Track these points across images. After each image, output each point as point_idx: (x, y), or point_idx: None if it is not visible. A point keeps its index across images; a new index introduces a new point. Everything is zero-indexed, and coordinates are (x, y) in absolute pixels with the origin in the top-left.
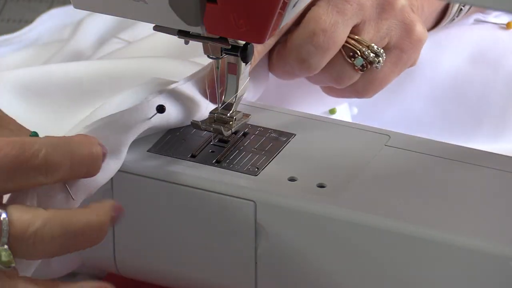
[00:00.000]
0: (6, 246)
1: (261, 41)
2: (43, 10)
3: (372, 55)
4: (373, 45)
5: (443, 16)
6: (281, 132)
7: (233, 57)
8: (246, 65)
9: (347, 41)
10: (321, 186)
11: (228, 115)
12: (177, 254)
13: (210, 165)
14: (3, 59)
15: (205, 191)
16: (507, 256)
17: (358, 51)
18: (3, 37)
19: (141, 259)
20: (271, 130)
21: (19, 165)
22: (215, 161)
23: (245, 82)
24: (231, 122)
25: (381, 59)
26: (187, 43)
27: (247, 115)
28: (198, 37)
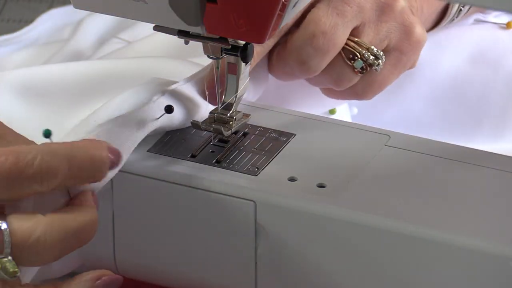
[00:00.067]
0: (10, 257)
1: (261, 41)
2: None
3: (371, 57)
4: (372, 47)
5: (443, 16)
6: (281, 132)
7: (233, 57)
8: (246, 65)
9: (346, 43)
10: (321, 186)
11: (228, 115)
12: (177, 254)
13: (210, 165)
14: (3, 59)
15: (205, 191)
16: (507, 256)
17: (357, 54)
18: (3, 37)
19: (141, 259)
20: (271, 130)
21: (13, 176)
22: (215, 161)
23: (245, 82)
24: (231, 122)
25: (380, 61)
26: (187, 43)
27: (247, 115)
28: (198, 37)
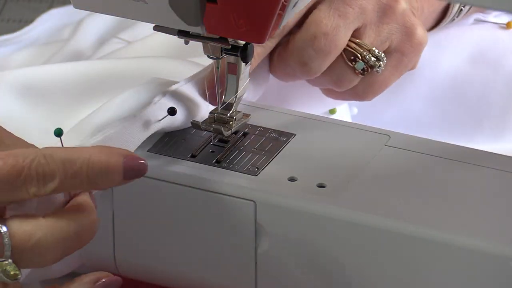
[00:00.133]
0: (10, 260)
1: (261, 41)
2: (43, 10)
3: (373, 59)
4: (374, 49)
5: (444, 16)
6: (281, 132)
7: (233, 57)
8: (246, 65)
9: (348, 45)
10: (321, 186)
11: (228, 115)
12: (177, 254)
13: (210, 165)
14: (3, 59)
15: (205, 191)
16: (507, 256)
17: (359, 55)
18: (3, 37)
19: (141, 259)
20: (271, 130)
21: (12, 179)
22: (215, 161)
23: (245, 82)
24: (231, 122)
25: (382, 63)
26: (187, 43)
27: (247, 115)
28: (198, 37)
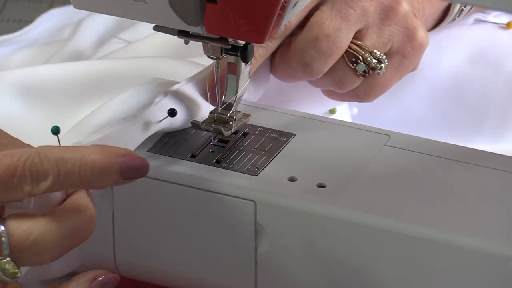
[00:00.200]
0: (8, 258)
1: (261, 41)
2: (43, 10)
3: (374, 61)
4: (375, 51)
5: (444, 16)
6: (281, 132)
7: (233, 57)
8: (246, 65)
9: (349, 47)
10: (321, 186)
11: (228, 115)
12: (177, 254)
13: (210, 165)
14: (3, 59)
15: (205, 191)
16: (507, 256)
17: (360, 57)
18: (3, 37)
19: (141, 259)
20: (271, 130)
21: (6, 178)
22: (215, 161)
23: (245, 82)
24: (231, 122)
25: (383, 65)
26: (187, 43)
27: (247, 115)
28: (198, 37)
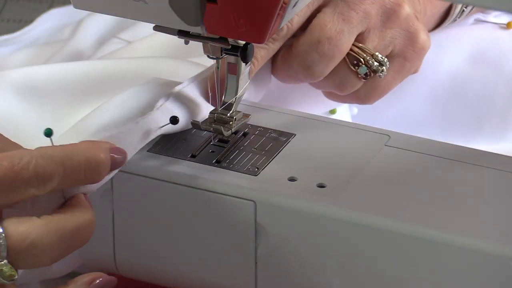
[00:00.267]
0: (5, 260)
1: (261, 41)
2: (43, 10)
3: (376, 64)
4: (377, 54)
5: (445, 17)
6: (281, 132)
7: (233, 57)
8: (246, 65)
9: (351, 49)
10: (321, 186)
11: (228, 115)
12: (177, 254)
13: (210, 165)
14: (3, 59)
15: (205, 191)
16: (507, 256)
17: (362, 60)
18: (3, 37)
19: (141, 259)
20: (271, 130)
21: (9, 180)
22: (215, 161)
23: (245, 82)
24: (231, 122)
25: (384, 68)
26: (187, 43)
27: (247, 115)
28: (198, 37)
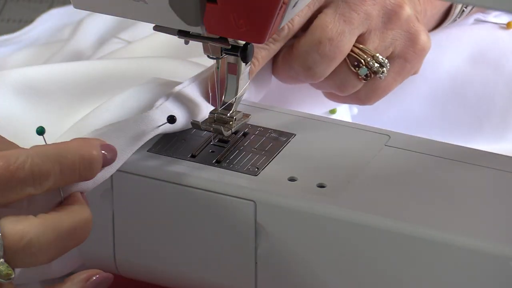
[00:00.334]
0: (2, 259)
1: (261, 41)
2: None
3: (376, 65)
4: (377, 55)
5: (446, 17)
6: (281, 132)
7: (233, 57)
8: (246, 65)
9: (352, 50)
10: (321, 186)
11: (228, 115)
12: (177, 254)
13: (210, 165)
14: (3, 59)
15: (205, 191)
16: (507, 256)
17: (362, 61)
18: (3, 37)
19: (141, 259)
20: (271, 130)
21: (5, 180)
22: (215, 161)
23: (245, 82)
24: (231, 122)
25: (385, 69)
26: (187, 43)
27: (247, 115)
28: (198, 37)
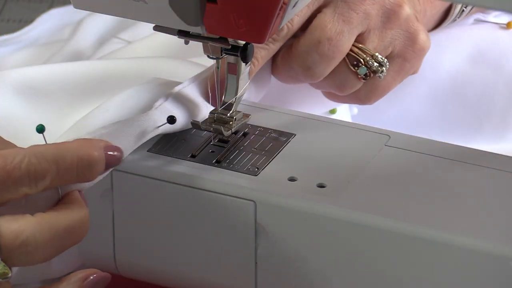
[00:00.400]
0: None
1: (261, 41)
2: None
3: (375, 64)
4: (377, 54)
5: (445, 17)
6: (281, 132)
7: (233, 57)
8: (246, 65)
9: (351, 50)
10: (321, 186)
11: (228, 115)
12: (177, 254)
13: (210, 165)
14: (3, 59)
15: (205, 191)
16: (507, 256)
17: (362, 60)
18: (3, 37)
19: (141, 259)
20: (271, 130)
21: (1, 180)
22: (215, 161)
23: (245, 82)
24: (231, 122)
25: (384, 68)
26: (187, 43)
27: (247, 115)
28: (198, 37)
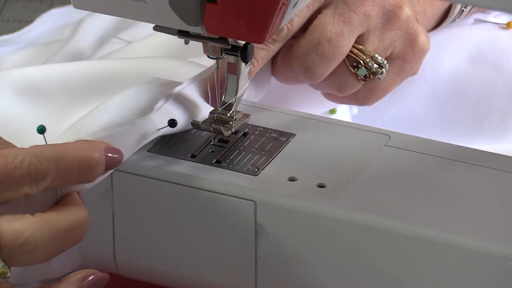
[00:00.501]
0: None
1: (261, 41)
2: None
3: (375, 66)
4: (377, 56)
5: (445, 17)
6: (281, 132)
7: (233, 57)
8: (246, 65)
9: (351, 51)
10: (321, 186)
11: (228, 115)
12: (177, 254)
13: (210, 165)
14: (3, 59)
15: (205, 191)
16: (507, 256)
17: (361, 61)
18: (3, 37)
19: (141, 259)
20: (271, 130)
21: (2, 179)
22: (215, 161)
23: (245, 82)
24: (231, 122)
25: (384, 70)
26: (187, 43)
27: (247, 115)
28: (198, 37)
